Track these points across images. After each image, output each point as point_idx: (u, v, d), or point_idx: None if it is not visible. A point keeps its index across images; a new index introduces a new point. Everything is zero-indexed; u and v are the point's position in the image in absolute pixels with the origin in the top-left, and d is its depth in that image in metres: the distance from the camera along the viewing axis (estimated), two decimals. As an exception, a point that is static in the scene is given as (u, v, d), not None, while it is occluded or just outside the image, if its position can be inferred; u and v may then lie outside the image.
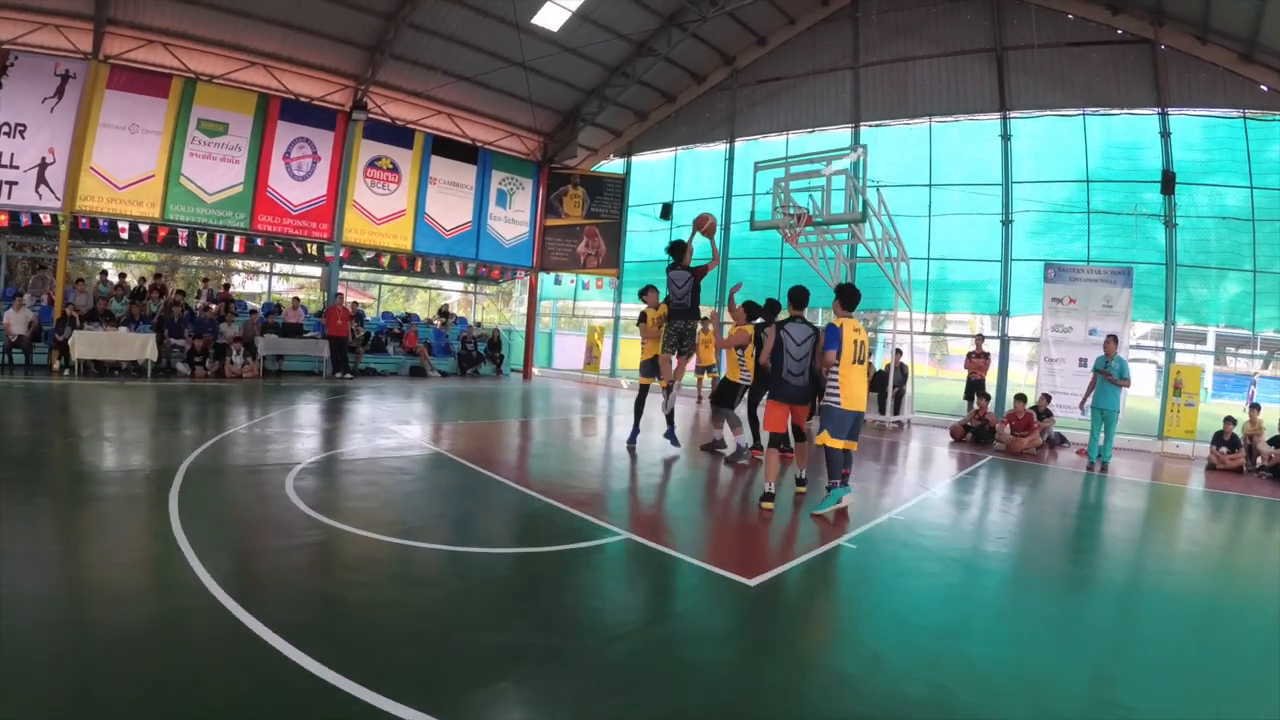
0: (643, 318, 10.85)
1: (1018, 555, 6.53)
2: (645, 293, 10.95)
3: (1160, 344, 16.90)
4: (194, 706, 3.03)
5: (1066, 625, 4.82)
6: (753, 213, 15.50)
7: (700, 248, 10.66)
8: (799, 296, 7.77)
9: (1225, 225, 15.90)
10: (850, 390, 7.09)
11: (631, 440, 10.49)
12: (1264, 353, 18.80)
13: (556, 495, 7.14)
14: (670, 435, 10.29)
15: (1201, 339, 25.46)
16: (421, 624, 4.04)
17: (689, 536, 6.41)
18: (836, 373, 7.10)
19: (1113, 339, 12.96)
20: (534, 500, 7.00)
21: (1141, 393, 18.93)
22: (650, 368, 10.58)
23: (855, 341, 7.13)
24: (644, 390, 10.69)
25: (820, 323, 9.85)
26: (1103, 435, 12.38)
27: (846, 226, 14.54)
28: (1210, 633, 4.87)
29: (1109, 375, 12.32)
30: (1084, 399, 12.90)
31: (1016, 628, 4.72)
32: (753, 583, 4.98)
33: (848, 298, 7.49)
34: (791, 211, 14.02)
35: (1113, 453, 12.54)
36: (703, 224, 10.19)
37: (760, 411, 8.89)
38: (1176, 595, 5.68)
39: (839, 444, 7.14)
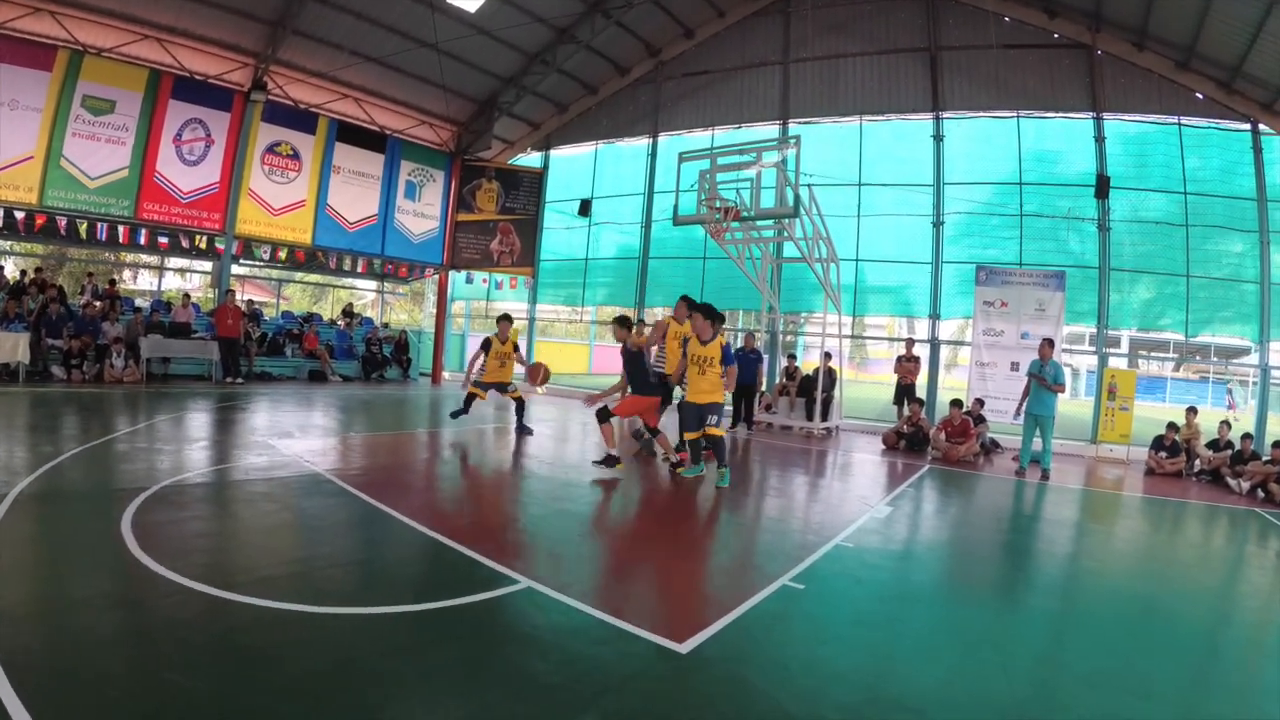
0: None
1: (990, 585, 5.70)
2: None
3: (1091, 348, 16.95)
4: None
5: (1072, 676, 3.94)
6: (676, 206, 14.62)
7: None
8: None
9: (1158, 230, 16.00)
10: (695, 387, 8.90)
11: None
12: (1175, 356, 19.04)
13: (447, 529, 5.90)
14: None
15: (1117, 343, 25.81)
16: None
17: (604, 581, 5.29)
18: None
19: (1048, 343, 12.38)
20: (418, 535, 5.76)
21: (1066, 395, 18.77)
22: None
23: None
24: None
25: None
26: (1038, 441, 11.97)
27: (773, 224, 13.86)
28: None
29: (1044, 380, 11.78)
30: (1019, 405, 12.35)
31: (1008, 689, 3.79)
32: (684, 649, 3.90)
33: (709, 313, 8.84)
34: (718, 205, 13.17)
35: (1027, 460, 12.03)
36: (535, 376, 11.58)
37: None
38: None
39: (691, 435, 9.01)
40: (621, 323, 9.41)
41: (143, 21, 16.49)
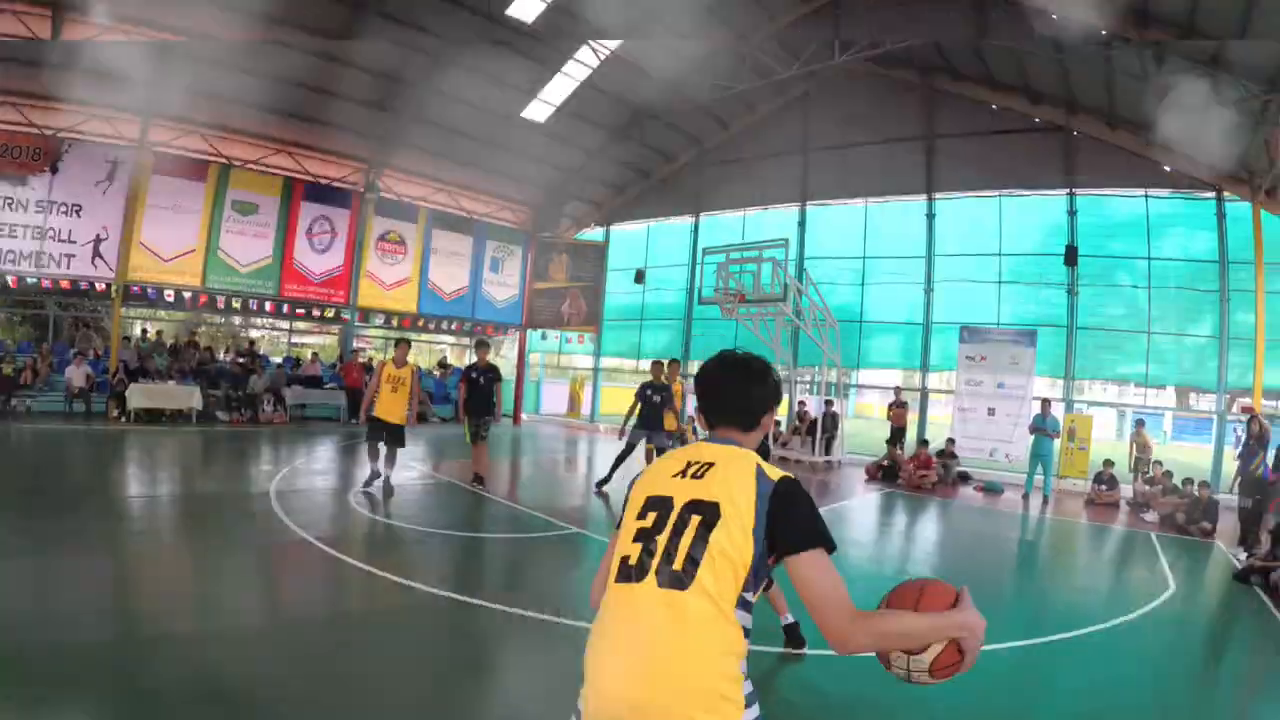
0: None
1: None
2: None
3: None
4: None
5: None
6: (699, 290, 18.27)
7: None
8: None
9: (1123, 291, 18.28)
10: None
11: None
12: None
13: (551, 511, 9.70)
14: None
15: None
16: None
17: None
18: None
19: (1047, 401, 15.91)
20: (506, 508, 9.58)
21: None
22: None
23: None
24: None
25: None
26: (1040, 477, 15.36)
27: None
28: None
29: (1044, 430, 15.27)
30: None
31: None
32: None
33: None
34: (733, 289, 16.80)
35: (1030, 488, 15.45)
36: None
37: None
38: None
39: None
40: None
41: (277, 140, 20.73)
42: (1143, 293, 18.06)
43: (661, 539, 2.14)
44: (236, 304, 20.85)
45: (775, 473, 2.23)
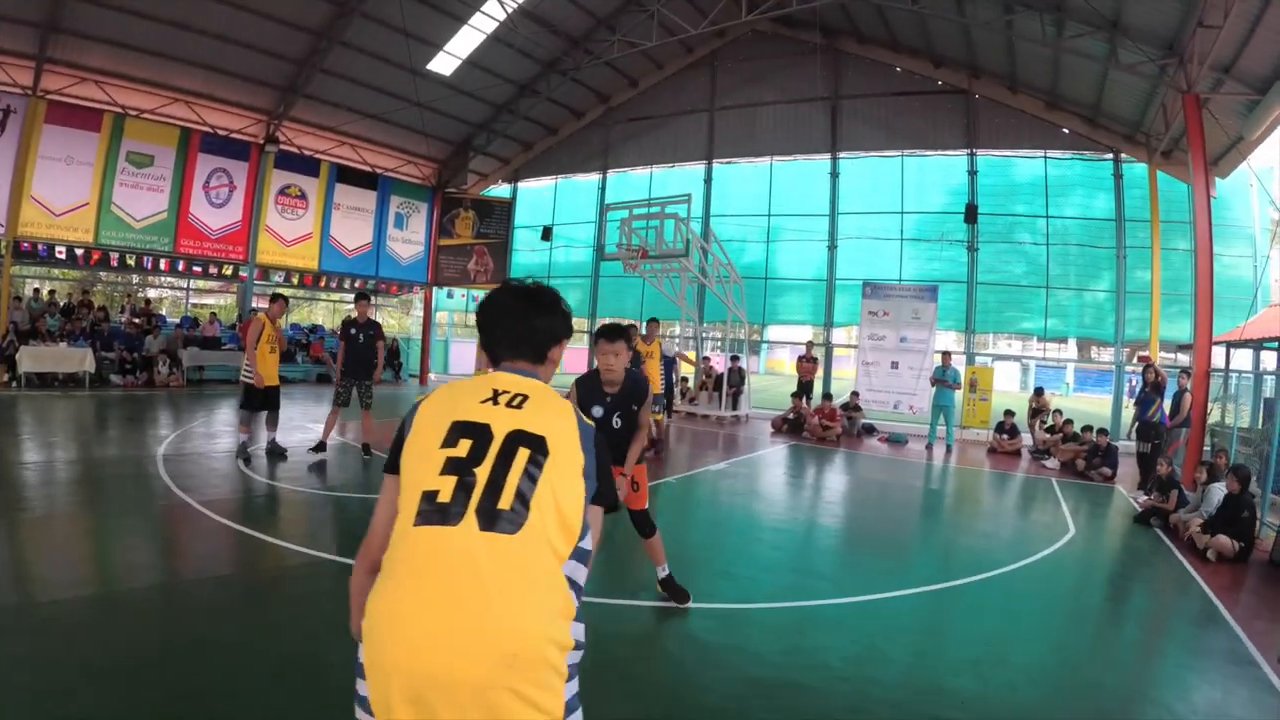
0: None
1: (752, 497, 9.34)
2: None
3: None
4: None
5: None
6: (602, 246, 18.24)
7: None
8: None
9: (1023, 250, 19.05)
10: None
11: None
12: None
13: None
14: None
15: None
16: None
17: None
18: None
19: (947, 354, 16.40)
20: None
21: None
22: None
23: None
24: None
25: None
26: (943, 427, 15.88)
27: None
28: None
29: (945, 382, 15.69)
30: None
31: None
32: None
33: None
34: (635, 245, 16.80)
35: (934, 439, 16.02)
36: None
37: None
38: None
39: None
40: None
41: (174, 88, 19.78)
42: (1042, 250, 18.85)
43: (482, 471, 1.82)
44: (131, 261, 19.97)
45: (587, 418, 2.05)
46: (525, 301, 2.14)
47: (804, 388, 18.47)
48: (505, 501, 1.76)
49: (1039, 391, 17.50)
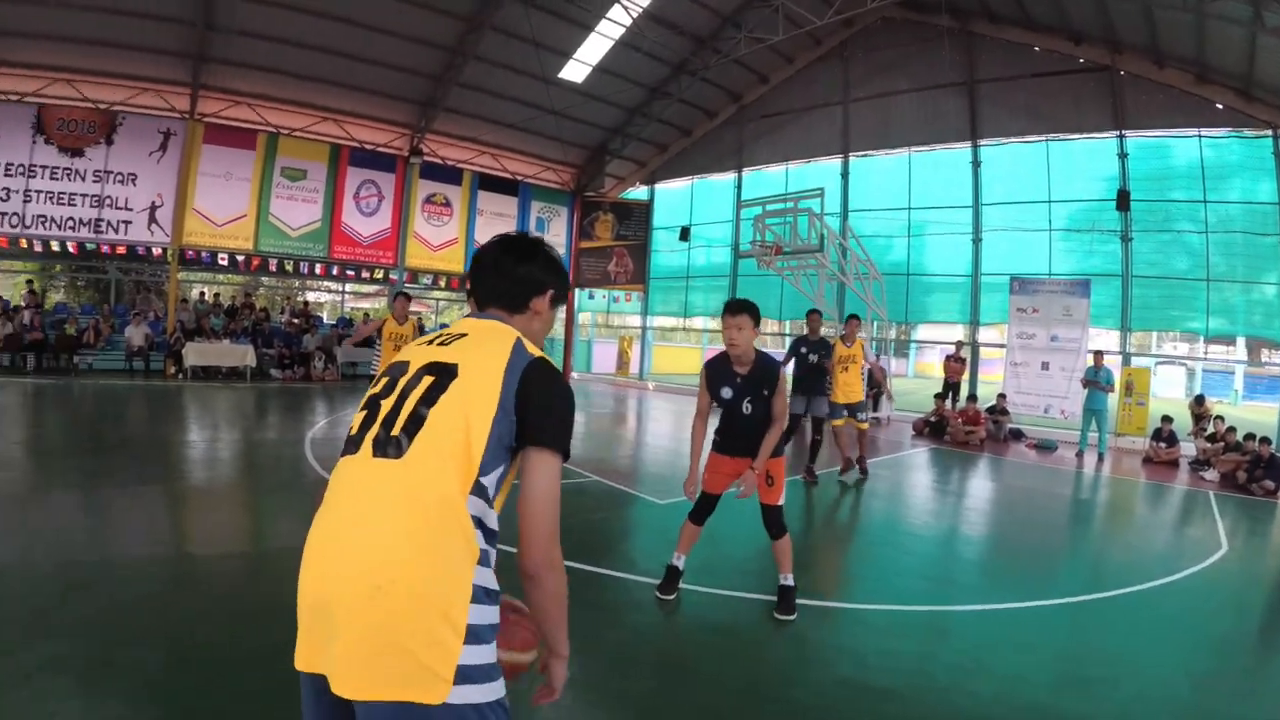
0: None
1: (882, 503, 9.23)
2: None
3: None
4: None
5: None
6: (737, 243, 18.19)
7: None
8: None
9: (1184, 240, 17.41)
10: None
11: None
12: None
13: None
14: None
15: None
16: None
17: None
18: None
19: (1099, 353, 15.13)
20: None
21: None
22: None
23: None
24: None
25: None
26: (1094, 433, 15.00)
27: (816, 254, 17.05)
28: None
29: (1097, 384, 14.73)
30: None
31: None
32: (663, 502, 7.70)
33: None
34: (769, 241, 16.71)
35: (1085, 445, 15.11)
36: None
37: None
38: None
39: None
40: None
41: (321, 107, 21.17)
42: (1201, 240, 17.22)
43: (387, 402, 1.83)
44: (289, 266, 21.51)
45: (537, 351, 1.93)
46: (503, 250, 2.12)
47: (950, 388, 17.86)
48: (397, 428, 1.74)
49: (1199, 399, 15.95)
